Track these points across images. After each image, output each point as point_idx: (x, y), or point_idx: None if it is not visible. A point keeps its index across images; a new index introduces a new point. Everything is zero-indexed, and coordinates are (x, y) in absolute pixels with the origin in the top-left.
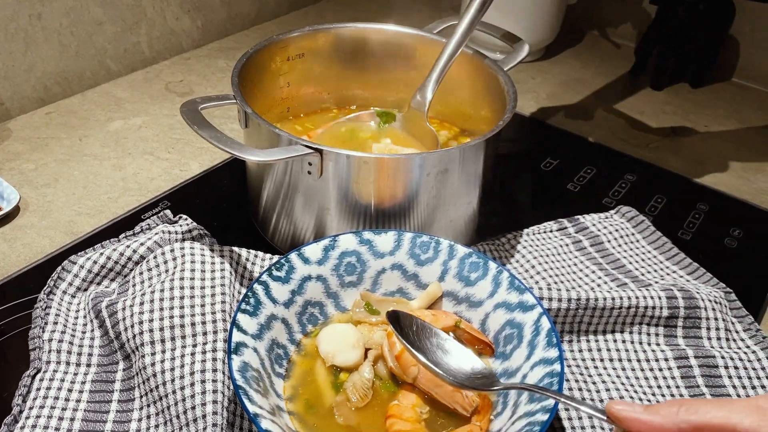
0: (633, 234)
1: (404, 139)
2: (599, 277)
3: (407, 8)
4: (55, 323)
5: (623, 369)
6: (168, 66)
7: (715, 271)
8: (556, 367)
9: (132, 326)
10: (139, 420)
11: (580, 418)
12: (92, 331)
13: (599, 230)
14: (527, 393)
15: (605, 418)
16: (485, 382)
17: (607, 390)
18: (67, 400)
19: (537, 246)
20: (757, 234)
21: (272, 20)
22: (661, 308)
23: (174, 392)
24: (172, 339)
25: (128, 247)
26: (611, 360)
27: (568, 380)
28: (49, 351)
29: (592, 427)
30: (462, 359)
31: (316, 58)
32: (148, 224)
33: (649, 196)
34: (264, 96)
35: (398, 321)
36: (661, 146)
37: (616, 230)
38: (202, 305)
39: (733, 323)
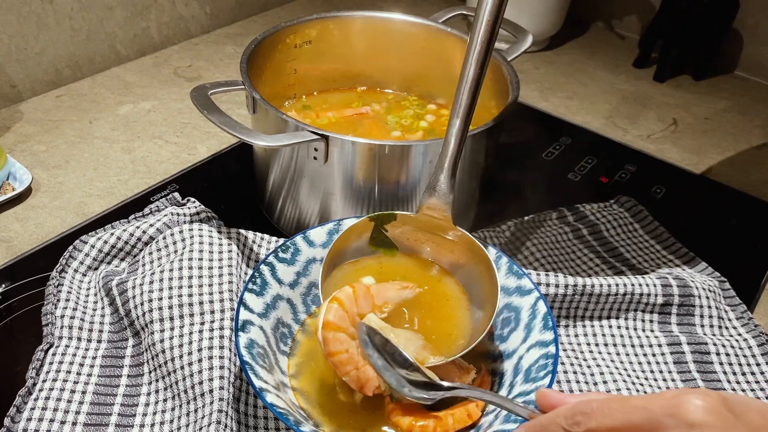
0: (631, 223)
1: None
2: (597, 265)
3: None
4: (67, 300)
5: (618, 354)
6: (177, 51)
7: (711, 260)
8: (551, 349)
9: (141, 304)
10: (148, 394)
11: None
12: (103, 308)
13: (598, 219)
14: (523, 373)
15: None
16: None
17: (602, 374)
18: (78, 374)
19: (536, 233)
20: (753, 225)
21: (280, 6)
22: (656, 296)
23: (182, 368)
24: (181, 317)
25: (138, 228)
26: (606, 345)
27: (563, 364)
28: (62, 327)
29: None
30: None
31: (323, 46)
32: (157, 206)
33: (649, 187)
34: (271, 82)
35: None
36: (661, 137)
37: (615, 219)
38: (210, 285)
39: (726, 311)
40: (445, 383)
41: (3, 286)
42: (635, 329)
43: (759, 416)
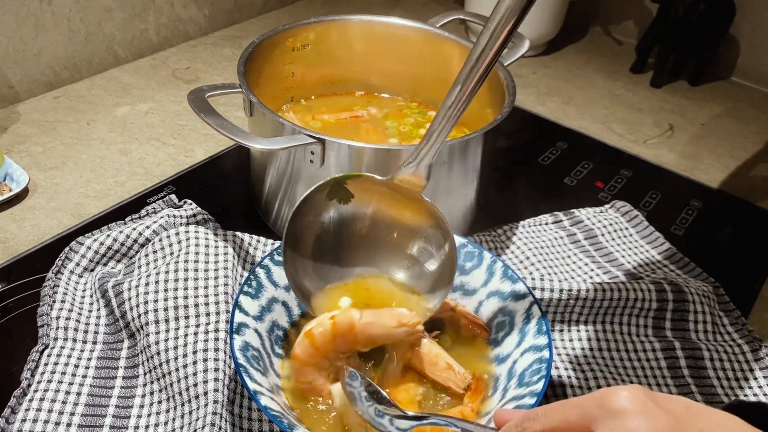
0: (626, 228)
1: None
2: (592, 270)
3: (413, 1)
4: (63, 301)
5: (611, 359)
6: (175, 53)
7: (706, 266)
8: (545, 353)
9: (137, 306)
10: (143, 396)
11: None
12: (98, 310)
13: (593, 224)
14: (517, 378)
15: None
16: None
17: (596, 378)
18: (73, 375)
19: (532, 238)
20: (748, 231)
21: (279, 9)
22: (650, 301)
23: (177, 370)
24: (176, 319)
25: (134, 229)
26: (600, 350)
27: (557, 368)
28: (57, 328)
29: None
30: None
31: (321, 49)
32: (154, 208)
33: (644, 192)
34: (269, 85)
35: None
36: (658, 143)
37: (610, 224)
38: (206, 287)
39: (720, 317)
40: (411, 413)
41: None
42: (629, 334)
43: (681, 406)
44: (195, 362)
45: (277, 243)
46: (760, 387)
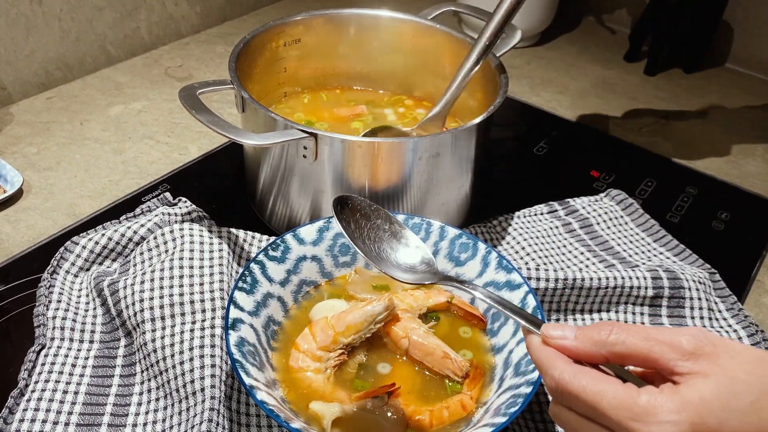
0: (622, 216)
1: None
2: (587, 258)
3: None
4: (59, 301)
5: None
6: (167, 51)
7: (702, 253)
8: None
9: (133, 304)
10: (140, 394)
11: None
12: (94, 309)
13: (589, 213)
14: (513, 367)
15: (538, 332)
16: (422, 277)
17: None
18: (71, 374)
19: (527, 228)
20: (744, 217)
21: (271, 5)
22: (646, 288)
23: (174, 367)
24: (172, 316)
25: (129, 228)
26: None
27: None
28: (53, 328)
29: None
30: (409, 251)
31: (312, 44)
32: (149, 206)
33: (640, 180)
34: (261, 80)
35: (345, 208)
36: (652, 131)
37: (606, 213)
38: (201, 284)
39: (716, 303)
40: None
41: None
42: (626, 321)
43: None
44: (191, 359)
45: (272, 238)
46: None
